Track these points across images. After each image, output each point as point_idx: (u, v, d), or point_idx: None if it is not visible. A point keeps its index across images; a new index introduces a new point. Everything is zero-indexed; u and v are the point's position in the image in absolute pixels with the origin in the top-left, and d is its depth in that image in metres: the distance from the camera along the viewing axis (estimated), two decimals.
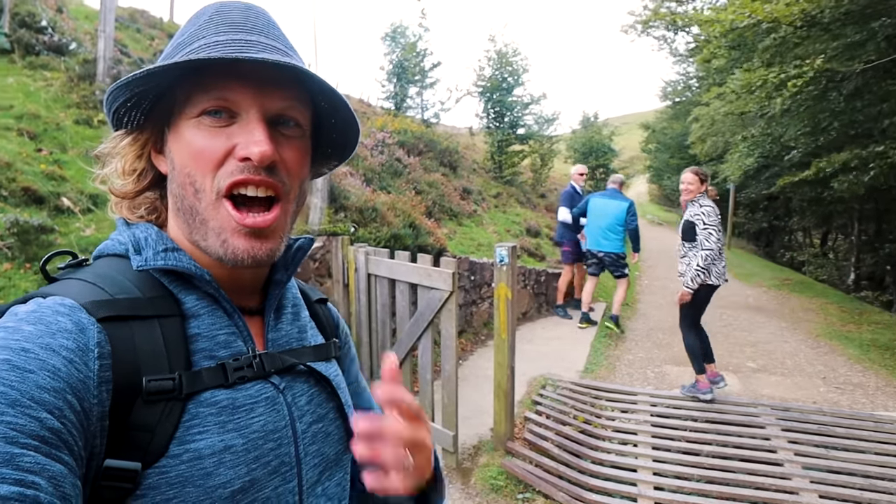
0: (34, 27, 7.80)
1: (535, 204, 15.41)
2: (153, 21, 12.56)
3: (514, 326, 3.88)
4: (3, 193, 4.26)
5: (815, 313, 8.90)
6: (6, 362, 0.50)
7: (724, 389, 4.74)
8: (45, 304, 0.58)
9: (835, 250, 20.30)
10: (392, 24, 17.38)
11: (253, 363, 0.68)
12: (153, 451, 0.57)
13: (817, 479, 3.40)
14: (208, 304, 0.68)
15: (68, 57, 7.52)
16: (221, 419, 0.63)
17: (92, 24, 9.44)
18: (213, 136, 0.64)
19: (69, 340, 0.55)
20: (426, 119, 17.51)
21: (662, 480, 3.43)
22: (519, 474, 3.51)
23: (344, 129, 0.78)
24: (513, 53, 17.34)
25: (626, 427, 4.16)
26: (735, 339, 7.11)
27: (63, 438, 0.49)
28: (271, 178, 0.66)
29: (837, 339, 7.15)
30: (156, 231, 0.70)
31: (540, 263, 9.47)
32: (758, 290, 11.07)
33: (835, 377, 5.66)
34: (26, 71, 6.81)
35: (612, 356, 6.17)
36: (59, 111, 6.09)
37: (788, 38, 7.78)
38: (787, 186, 13.11)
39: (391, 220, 6.26)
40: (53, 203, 4.50)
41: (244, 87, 0.64)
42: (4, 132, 5.16)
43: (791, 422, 4.15)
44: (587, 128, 27.45)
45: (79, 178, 5.00)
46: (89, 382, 0.54)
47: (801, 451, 3.74)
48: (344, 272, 4.42)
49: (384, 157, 9.41)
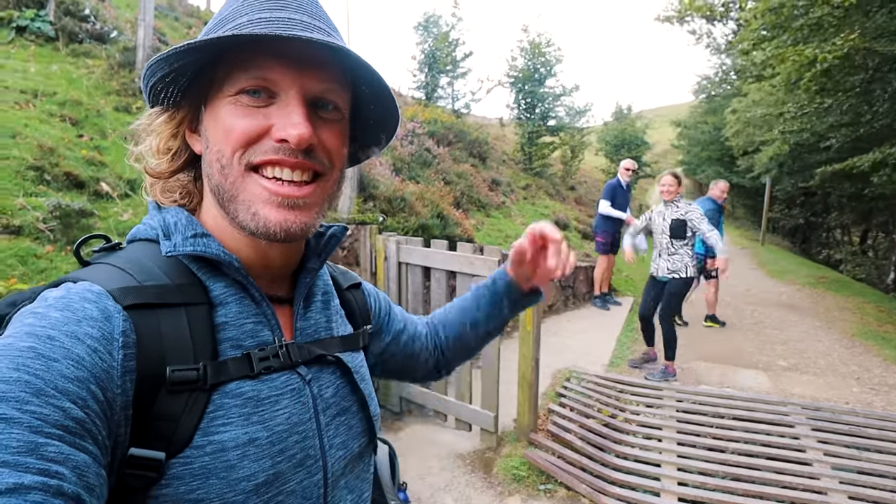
0: (78, 15, 8.00)
1: (564, 196, 15.29)
2: (191, 10, 12.78)
3: (540, 318, 3.89)
4: (47, 178, 4.41)
5: (852, 312, 8.68)
6: (32, 350, 0.50)
7: (754, 387, 4.73)
8: (74, 289, 0.58)
9: (875, 248, 19.70)
10: (425, 14, 17.35)
11: (279, 353, 0.68)
12: (177, 442, 0.58)
13: (847, 480, 3.34)
14: (236, 292, 0.68)
15: (109, 45, 7.71)
16: (246, 411, 0.63)
17: (132, 13, 9.65)
18: (250, 114, 0.63)
19: (94, 329, 0.55)
20: (456, 109, 17.46)
21: (687, 476, 3.41)
22: (541, 465, 3.54)
23: (383, 116, 0.77)
24: (546, 44, 17.16)
25: (651, 422, 4.14)
26: (766, 337, 6.99)
27: (87, 428, 0.49)
28: (309, 161, 0.65)
29: (873, 340, 6.97)
30: (186, 216, 0.69)
31: None
32: (791, 287, 10.84)
33: (869, 378, 5.53)
34: (69, 58, 6.99)
35: (638, 351, 6.13)
36: (100, 98, 6.25)
37: (825, 18, 7.53)
38: (825, 181, 12.79)
39: (419, 210, 6.30)
40: (93, 188, 4.63)
41: (285, 66, 0.63)
42: (48, 118, 5.33)
43: (822, 421, 4.08)
44: (620, 120, 27.02)
45: (118, 164, 5.15)
46: (113, 372, 0.54)
47: (831, 452, 3.67)
48: (372, 261, 4.47)
49: (414, 147, 9.44)
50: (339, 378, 0.76)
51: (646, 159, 26.22)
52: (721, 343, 6.67)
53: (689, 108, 31.57)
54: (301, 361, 0.71)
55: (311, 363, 0.73)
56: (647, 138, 25.90)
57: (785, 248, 20.79)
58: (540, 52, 17.05)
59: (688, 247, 4.80)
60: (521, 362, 3.83)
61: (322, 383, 0.73)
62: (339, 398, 0.75)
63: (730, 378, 5.38)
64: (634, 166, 7.73)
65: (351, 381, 0.78)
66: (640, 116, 27.41)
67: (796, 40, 8.38)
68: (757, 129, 14.39)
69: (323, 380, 0.74)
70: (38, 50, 6.86)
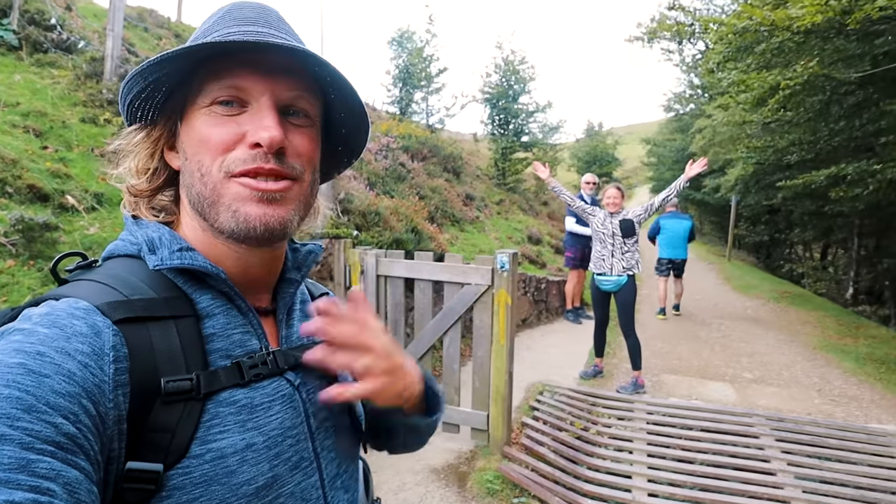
0: (43, 25, 7.84)
1: (537, 211, 15.48)
2: (161, 21, 12.64)
3: (514, 332, 3.94)
4: (9, 190, 4.30)
5: (813, 326, 8.94)
6: (22, 366, 0.49)
7: (721, 399, 4.86)
8: (59, 306, 0.58)
9: (834, 264, 20.32)
10: (399, 29, 17.49)
11: (267, 360, 0.69)
12: (174, 452, 0.58)
13: (809, 489, 3.44)
14: (223, 303, 0.69)
15: (76, 55, 7.57)
16: (241, 418, 0.64)
17: (100, 23, 9.50)
18: (224, 123, 0.66)
19: (84, 344, 0.54)
20: (431, 124, 17.58)
21: (657, 487, 3.47)
22: (515, 478, 3.56)
23: (354, 125, 0.79)
24: (520, 61, 17.45)
25: (623, 434, 4.20)
26: (732, 350, 7.16)
27: (79, 443, 0.49)
28: (281, 166, 0.67)
29: (834, 352, 7.19)
30: (168, 231, 0.70)
31: (541, 271, 9.53)
32: (756, 301, 11.12)
33: (830, 389, 5.71)
34: (33, 68, 6.84)
35: (609, 364, 6.22)
36: (66, 109, 6.13)
37: (785, 43, 7.86)
38: (788, 199, 13.19)
39: (394, 224, 6.32)
40: (58, 201, 4.53)
41: (256, 75, 0.66)
42: (10, 129, 5.20)
43: (785, 432, 4.20)
44: (591, 136, 27.51)
45: (84, 176, 5.04)
46: (105, 387, 0.54)
47: (795, 461, 3.78)
48: (346, 275, 4.47)
49: (388, 161, 9.48)
50: (324, 383, 0.78)
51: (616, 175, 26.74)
52: (689, 356, 6.81)
53: (659, 125, 32.34)
54: (287, 368, 0.73)
55: (297, 369, 0.74)
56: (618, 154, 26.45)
57: (750, 263, 21.31)
58: (514, 70, 17.31)
59: (637, 245, 5.15)
60: (494, 376, 3.88)
61: (310, 388, 0.75)
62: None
63: (698, 390, 5.50)
64: (595, 180, 7.87)
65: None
66: (611, 133, 28.00)
67: (759, 65, 8.70)
68: (721, 149, 14.80)
69: (310, 384, 0.75)
70: (0, 59, 6.71)
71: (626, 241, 5.09)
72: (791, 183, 10.79)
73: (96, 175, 5.17)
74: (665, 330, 8.27)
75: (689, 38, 10.47)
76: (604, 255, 5.22)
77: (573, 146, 27.25)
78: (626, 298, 5.21)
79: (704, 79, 13.49)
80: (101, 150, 5.60)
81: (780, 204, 16.16)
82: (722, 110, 11.68)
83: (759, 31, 7.65)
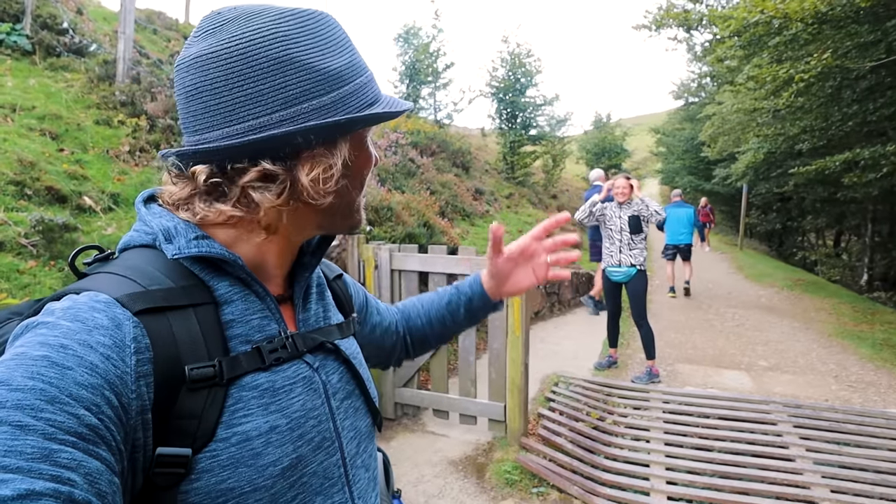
0: (55, 29, 7.93)
1: (546, 204, 15.45)
2: (169, 22, 12.72)
3: (528, 323, 3.96)
4: (28, 192, 4.36)
5: (828, 313, 8.89)
6: (46, 359, 0.51)
7: (737, 387, 4.86)
8: (80, 300, 0.59)
9: (848, 251, 20.16)
10: (405, 26, 17.49)
11: (286, 344, 0.71)
12: (201, 437, 0.60)
13: (829, 475, 3.43)
14: (241, 290, 0.70)
15: (88, 58, 7.65)
16: (264, 401, 0.65)
17: (110, 26, 9.59)
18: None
19: (106, 337, 0.55)
20: (439, 120, 17.59)
21: (675, 475, 3.47)
22: (533, 468, 3.58)
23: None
24: (526, 54, 17.41)
25: (639, 424, 4.21)
26: (747, 339, 7.14)
27: (101, 434, 0.50)
28: None
29: (850, 339, 7.15)
30: (182, 220, 0.70)
31: None
32: (770, 290, 11.05)
33: (847, 376, 5.68)
34: (47, 72, 6.92)
35: (623, 355, 6.22)
36: (80, 112, 6.20)
37: (799, 34, 7.78)
38: (800, 185, 13.09)
39: (406, 219, 6.34)
40: (75, 202, 4.59)
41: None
42: (28, 132, 5.27)
43: (803, 418, 4.19)
44: (600, 128, 27.35)
45: (99, 178, 5.10)
46: (126, 378, 0.55)
47: (813, 448, 3.77)
48: (360, 270, 4.50)
49: (398, 157, 9.50)
50: (340, 364, 0.81)
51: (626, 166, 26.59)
52: (704, 345, 6.80)
53: (668, 115, 32.12)
54: (307, 350, 0.74)
55: (315, 351, 0.76)
56: (627, 146, 26.27)
57: (762, 251, 21.18)
58: (520, 63, 17.26)
59: (644, 241, 5.23)
60: (510, 367, 3.89)
61: (328, 370, 0.77)
62: (343, 382, 0.80)
63: (713, 379, 5.49)
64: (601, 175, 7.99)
65: (350, 366, 0.82)
66: (620, 125, 27.80)
67: (772, 59, 8.62)
68: (731, 137, 14.69)
69: (328, 366, 0.78)
70: (14, 64, 6.77)
71: (633, 237, 5.19)
72: (804, 170, 10.70)
73: (112, 176, 5.24)
74: (679, 320, 8.25)
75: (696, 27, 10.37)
76: (612, 252, 5.32)
77: (581, 138, 27.14)
78: (636, 288, 5.26)
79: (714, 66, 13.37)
80: (116, 151, 5.67)
81: (792, 191, 16.05)
82: (732, 96, 11.59)
83: (771, 23, 7.58)
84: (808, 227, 20.23)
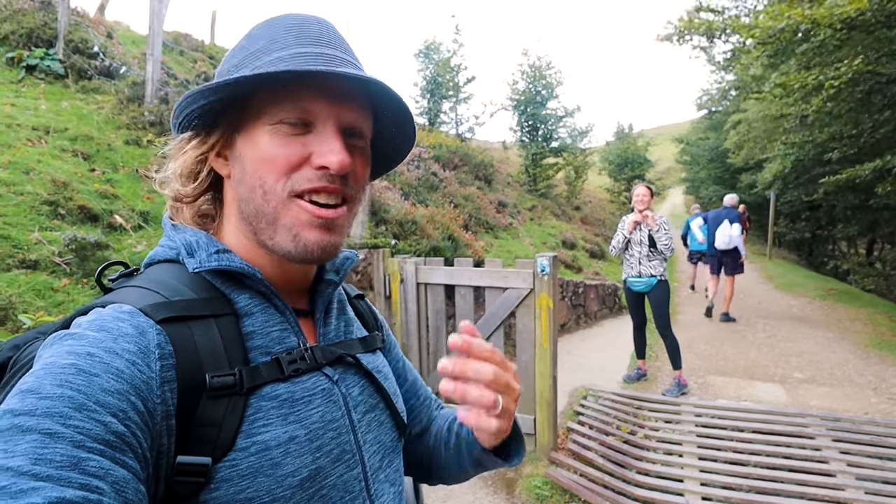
0: (87, 53, 8.16)
1: (570, 216, 15.37)
2: (195, 44, 13.03)
3: (556, 336, 3.91)
4: (61, 212, 4.47)
5: (864, 323, 8.64)
6: (73, 366, 0.52)
7: (771, 399, 4.74)
8: (106, 312, 0.60)
9: (882, 259, 19.62)
10: (426, 41, 17.66)
11: (305, 356, 0.71)
12: (221, 446, 0.60)
13: (872, 490, 3.31)
14: (261, 303, 0.71)
15: (118, 80, 7.85)
16: (283, 412, 0.66)
17: (139, 49, 9.84)
18: (290, 144, 0.67)
19: (130, 344, 0.57)
20: (460, 133, 17.67)
21: (710, 491, 3.39)
22: (564, 483, 3.52)
23: (401, 141, 0.82)
24: (546, 66, 17.45)
25: (671, 437, 4.12)
26: (780, 350, 6.96)
27: (127, 441, 0.51)
28: (343, 187, 0.70)
29: (888, 350, 6.93)
30: (205, 234, 0.72)
31: (577, 275, 9.44)
32: (801, 300, 10.80)
33: (887, 388, 5.50)
34: (79, 95, 7.12)
35: (652, 367, 6.11)
36: (111, 132, 6.35)
37: (827, 41, 7.64)
38: (830, 193, 12.80)
39: (430, 232, 6.36)
40: (107, 220, 4.68)
41: (324, 99, 0.68)
42: (60, 153, 5.42)
43: (842, 432, 4.06)
44: (622, 139, 27.18)
45: (130, 196, 5.21)
46: (152, 383, 0.56)
47: (854, 462, 3.65)
48: (386, 284, 4.51)
49: (420, 171, 9.55)
50: (362, 378, 0.80)
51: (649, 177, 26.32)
52: (735, 357, 6.65)
53: (691, 125, 31.78)
54: (326, 363, 0.74)
55: (335, 364, 0.76)
56: (649, 156, 26.01)
57: (792, 261, 20.74)
58: (541, 75, 17.30)
59: (661, 255, 5.23)
60: (538, 381, 3.85)
61: (348, 383, 0.77)
62: (365, 396, 0.79)
63: (746, 391, 5.36)
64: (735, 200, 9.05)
65: (373, 380, 0.81)
66: (642, 135, 27.58)
67: (800, 66, 8.49)
68: (756, 144, 14.47)
69: (349, 380, 0.77)
70: (48, 87, 6.99)
71: (651, 250, 5.22)
72: (834, 179, 10.47)
73: (141, 195, 5.34)
74: (708, 331, 8.10)
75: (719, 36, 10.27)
76: (632, 263, 5.35)
77: (603, 149, 26.97)
78: (658, 297, 5.23)
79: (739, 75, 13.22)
80: (145, 171, 5.80)
81: (822, 199, 15.70)
82: (757, 102, 11.43)
83: (798, 30, 7.46)
84: (838, 235, 19.73)
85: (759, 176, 16.78)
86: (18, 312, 3.28)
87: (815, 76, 7.82)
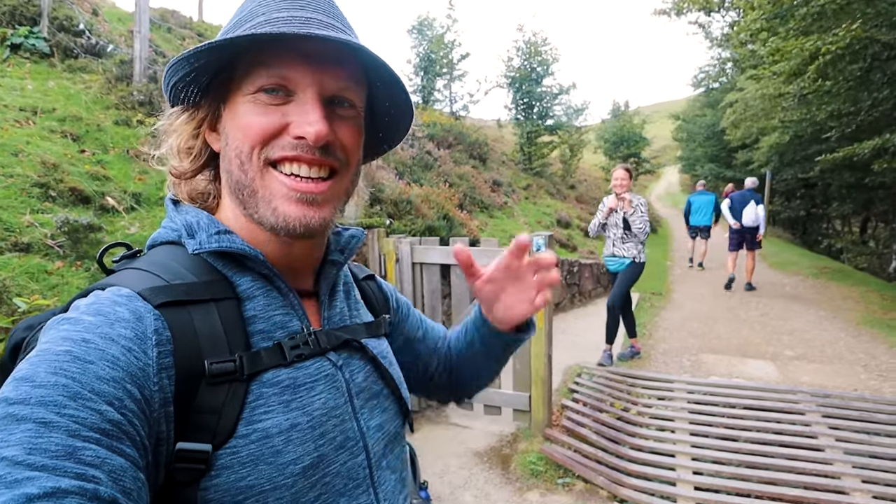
0: (72, 31, 7.96)
1: (565, 195, 15.37)
2: (183, 21, 12.78)
3: (552, 315, 3.94)
4: (52, 194, 4.42)
5: (856, 301, 8.72)
6: (68, 353, 0.51)
7: (763, 376, 4.80)
8: (104, 295, 0.59)
9: (875, 238, 19.72)
10: (419, 17, 17.44)
11: (309, 340, 0.69)
12: (221, 433, 0.59)
13: (860, 465, 3.38)
14: (263, 286, 0.69)
15: (105, 59, 7.70)
16: (285, 398, 0.64)
17: (125, 26, 9.64)
18: (269, 112, 0.65)
19: (127, 329, 0.55)
20: (455, 112, 17.54)
21: (701, 465, 3.45)
22: (559, 459, 3.57)
23: (398, 115, 0.79)
24: (542, 43, 17.26)
25: (664, 414, 4.18)
26: (772, 328, 7.04)
27: (124, 430, 0.50)
28: (326, 158, 0.67)
29: (879, 327, 7.01)
30: (206, 215, 0.71)
31: (572, 254, 9.47)
32: (795, 278, 10.88)
33: (877, 364, 5.57)
34: (66, 74, 6.96)
35: (646, 345, 6.17)
36: (99, 112, 6.25)
37: (826, 6, 7.53)
38: (825, 171, 12.81)
39: (425, 212, 6.34)
40: (99, 202, 4.63)
41: (303, 65, 0.65)
42: (49, 135, 5.33)
43: (832, 408, 4.12)
44: (617, 117, 27.04)
45: (121, 178, 5.15)
46: (149, 370, 0.55)
47: (843, 437, 3.72)
48: (381, 264, 4.51)
49: (415, 150, 9.50)
50: (367, 363, 0.78)
51: (645, 155, 26.24)
52: (728, 335, 6.72)
53: (688, 102, 31.61)
54: (330, 348, 0.73)
55: (339, 349, 0.75)
56: (646, 134, 25.92)
57: (786, 239, 20.83)
58: (536, 52, 17.13)
59: (635, 237, 5.36)
60: (533, 360, 3.88)
61: (352, 368, 0.75)
62: (369, 382, 0.77)
63: (738, 369, 5.43)
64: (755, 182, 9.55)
65: (378, 366, 0.80)
66: (638, 113, 27.44)
67: (798, 31, 8.39)
68: (755, 121, 14.41)
69: (353, 365, 0.76)
70: (33, 67, 6.84)
71: (626, 233, 5.36)
72: (832, 157, 10.46)
73: (133, 176, 5.30)
74: (702, 309, 8.16)
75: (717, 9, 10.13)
76: (608, 244, 5.55)
77: (599, 127, 26.84)
78: (624, 276, 5.41)
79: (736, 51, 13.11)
80: (136, 152, 5.74)
81: (817, 177, 15.74)
82: (754, 82, 11.35)
83: None
84: (833, 213, 19.81)
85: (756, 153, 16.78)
86: (13, 296, 3.26)
87: (812, 42, 7.74)
